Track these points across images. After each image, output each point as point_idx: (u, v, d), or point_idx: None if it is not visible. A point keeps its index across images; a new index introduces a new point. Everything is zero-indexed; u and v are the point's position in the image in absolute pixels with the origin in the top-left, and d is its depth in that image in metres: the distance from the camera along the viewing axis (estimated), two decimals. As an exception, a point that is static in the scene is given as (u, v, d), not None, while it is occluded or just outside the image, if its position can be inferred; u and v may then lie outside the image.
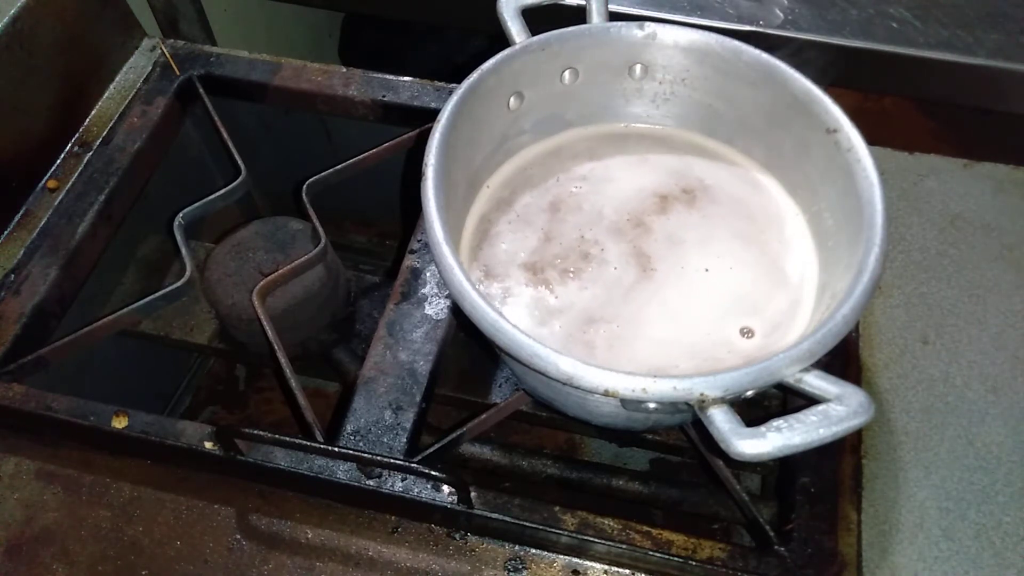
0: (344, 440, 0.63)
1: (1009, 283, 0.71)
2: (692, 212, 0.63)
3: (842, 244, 0.56)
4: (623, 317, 0.58)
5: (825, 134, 0.57)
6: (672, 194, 0.63)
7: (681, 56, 0.63)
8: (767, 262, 0.60)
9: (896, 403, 0.66)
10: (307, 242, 0.79)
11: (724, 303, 0.58)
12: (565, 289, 0.59)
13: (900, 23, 0.80)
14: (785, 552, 0.58)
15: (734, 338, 0.57)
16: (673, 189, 0.64)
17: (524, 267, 0.61)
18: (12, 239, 0.74)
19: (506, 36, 0.62)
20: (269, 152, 0.95)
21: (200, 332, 0.82)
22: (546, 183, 0.65)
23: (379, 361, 0.66)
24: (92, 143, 0.80)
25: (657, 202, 0.63)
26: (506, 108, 0.63)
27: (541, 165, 0.66)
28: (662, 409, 0.46)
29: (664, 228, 0.62)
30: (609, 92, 0.66)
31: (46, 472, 0.64)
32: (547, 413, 0.68)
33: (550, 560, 0.59)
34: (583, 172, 0.65)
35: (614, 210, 0.63)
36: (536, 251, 0.61)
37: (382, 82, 0.83)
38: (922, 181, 0.77)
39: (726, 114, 0.64)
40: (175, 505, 0.62)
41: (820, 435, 0.44)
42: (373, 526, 0.61)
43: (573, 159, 0.66)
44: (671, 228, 0.62)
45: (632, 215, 0.63)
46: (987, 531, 0.60)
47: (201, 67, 0.85)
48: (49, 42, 0.77)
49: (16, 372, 0.67)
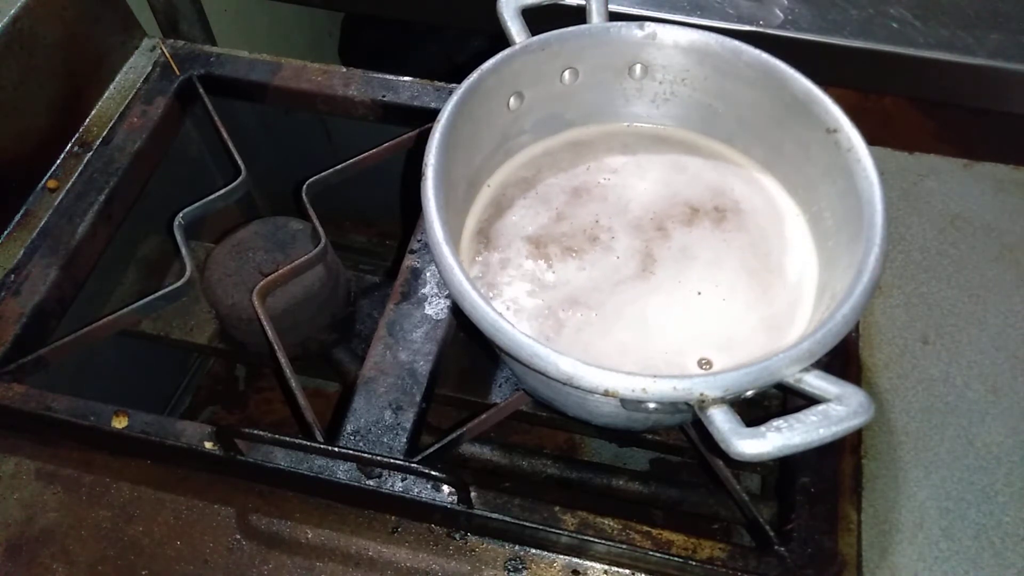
0: (344, 440, 0.63)
1: (1009, 283, 0.71)
2: (716, 232, 0.62)
3: (842, 244, 0.56)
4: (604, 308, 0.58)
5: (825, 134, 0.57)
6: (704, 209, 0.63)
7: (681, 56, 0.63)
8: (763, 306, 0.58)
9: (896, 403, 0.66)
10: (307, 242, 0.79)
11: (697, 331, 0.57)
12: (564, 266, 0.60)
13: (900, 23, 0.80)
14: (785, 552, 0.58)
15: (689, 365, 0.56)
16: (707, 204, 0.63)
17: (528, 240, 0.61)
18: (12, 239, 0.74)
19: (506, 36, 0.62)
20: (269, 152, 0.95)
21: (200, 332, 0.82)
22: (575, 169, 0.65)
23: (379, 361, 0.66)
24: (92, 143, 0.80)
25: (687, 212, 0.63)
26: (506, 108, 0.63)
27: (571, 151, 0.66)
28: (662, 409, 0.46)
29: (682, 239, 0.61)
30: (609, 92, 0.66)
31: (46, 472, 0.64)
32: (547, 413, 0.68)
33: (550, 560, 0.59)
34: (615, 165, 0.66)
35: (641, 206, 0.63)
36: (545, 227, 0.62)
37: (382, 82, 0.83)
38: (922, 181, 0.77)
39: (726, 114, 0.64)
40: (175, 505, 0.62)
41: (820, 435, 0.44)
42: (373, 526, 0.61)
43: (608, 152, 0.66)
44: (689, 241, 0.61)
45: (657, 216, 0.62)
46: (987, 531, 0.60)
47: (201, 67, 0.85)
48: (49, 42, 0.77)
49: (16, 372, 0.67)
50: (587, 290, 0.59)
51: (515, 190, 0.64)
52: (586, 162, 0.66)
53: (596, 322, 0.57)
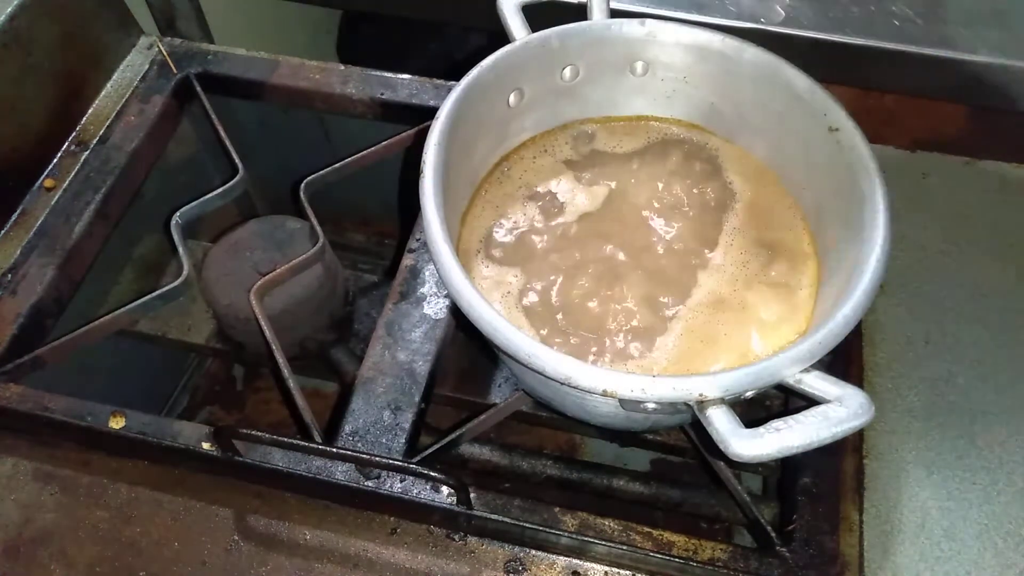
0: (342, 441, 0.63)
1: (1011, 282, 0.71)
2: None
3: (844, 243, 0.56)
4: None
5: (827, 132, 0.56)
6: (705, 206, 0.62)
7: (682, 53, 0.62)
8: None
9: (898, 402, 0.66)
10: (305, 241, 0.78)
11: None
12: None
13: (902, 20, 0.80)
14: (787, 553, 0.58)
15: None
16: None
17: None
18: (9, 238, 0.73)
19: (506, 33, 0.62)
20: (267, 150, 0.95)
21: (197, 332, 0.82)
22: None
23: (378, 361, 0.66)
24: (89, 142, 0.79)
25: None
26: (506, 105, 0.62)
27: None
28: (661, 409, 0.46)
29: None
30: (610, 89, 0.66)
31: (43, 473, 0.63)
32: (547, 413, 0.68)
33: (550, 561, 0.59)
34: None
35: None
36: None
37: (380, 80, 0.83)
38: (924, 179, 0.77)
39: (727, 112, 0.64)
40: (173, 506, 0.62)
41: (819, 436, 0.43)
42: (372, 527, 0.61)
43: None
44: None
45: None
46: (989, 531, 0.60)
47: (198, 65, 0.85)
48: (46, 40, 0.77)
49: (13, 372, 0.66)
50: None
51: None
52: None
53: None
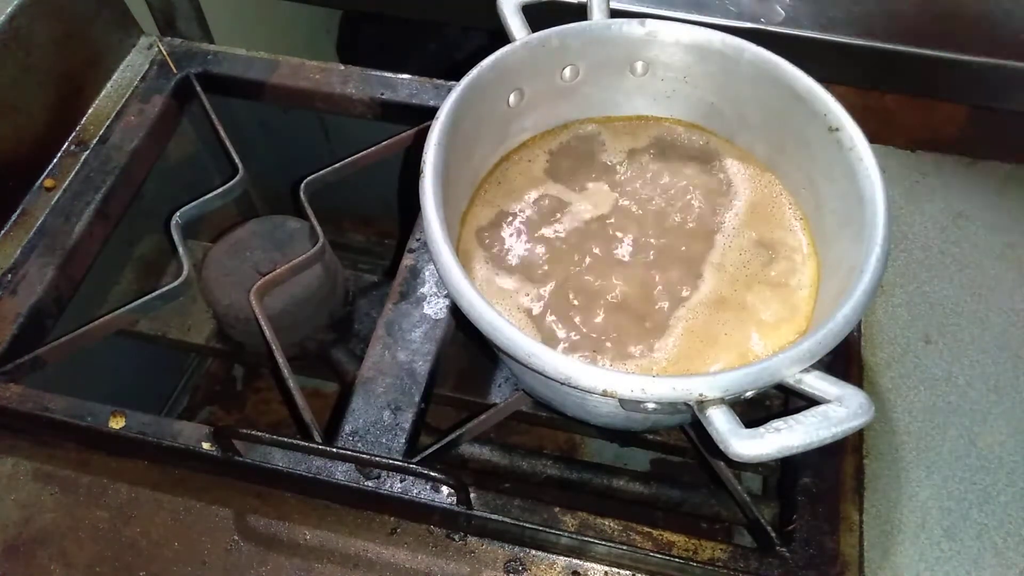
0: (342, 441, 0.63)
1: (1012, 281, 0.71)
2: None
3: (843, 243, 0.55)
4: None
5: (827, 132, 0.56)
6: (705, 207, 0.63)
7: (683, 53, 0.62)
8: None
9: (898, 403, 0.65)
10: (305, 241, 0.78)
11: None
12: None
13: (902, 19, 0.80)
14: (787, 553, 0.58)
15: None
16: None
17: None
18: (9, 238, 0.73)
19: (506, 33, 0.62)
20: (266, 150, 0.95)
21: (197, 332, 0.82)
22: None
23: (377, 361, 0.66)
24: (89, 142, 0.79)
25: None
26: (506, 105, 0.62)
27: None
28: (661, 409, 0.46)
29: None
30: (610, 89, 0.66)
31: (43, 473, 0.63)
32: (547, 413, 0.68)
33: (550, 561, 0.59)
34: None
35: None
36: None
37: (380, 80, 0.83)
38: (924, 179, 0.77)
39: (727, 112, 0.64)
40: (173, 506, 0.62)
41: (819, 436, 0.43)
42: (372, 527, 0.61)
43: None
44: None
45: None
46: (989, 531, 0.60)
47: (198, 65, 0.85)
48: (46, 40, 0.77)
49: (13, 372, 0.66)
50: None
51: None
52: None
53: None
